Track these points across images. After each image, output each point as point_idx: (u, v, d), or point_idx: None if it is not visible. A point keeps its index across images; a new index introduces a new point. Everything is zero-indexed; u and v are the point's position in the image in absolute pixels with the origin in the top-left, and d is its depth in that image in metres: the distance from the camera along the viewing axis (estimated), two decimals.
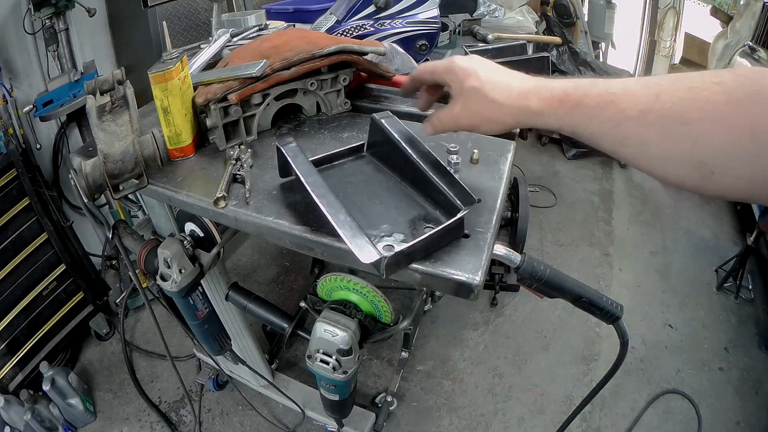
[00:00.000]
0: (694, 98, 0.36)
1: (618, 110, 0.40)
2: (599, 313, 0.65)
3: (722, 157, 0.35)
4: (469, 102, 0.52)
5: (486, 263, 0.54)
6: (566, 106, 0.44)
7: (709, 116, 0.35)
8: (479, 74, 0.51)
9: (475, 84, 0.51)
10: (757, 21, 2.11)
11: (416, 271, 0.53)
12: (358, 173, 0.68)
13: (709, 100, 0.35)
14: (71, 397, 1.41)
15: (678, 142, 0.37)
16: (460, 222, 0.55)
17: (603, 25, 3.06)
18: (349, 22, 1.05)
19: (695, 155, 0.36)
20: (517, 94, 0.48)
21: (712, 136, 0.35)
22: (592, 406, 1.47)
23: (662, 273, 2.03)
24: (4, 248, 1.34)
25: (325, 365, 0.79)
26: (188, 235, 0.89)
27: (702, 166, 0.36)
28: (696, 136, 0.36)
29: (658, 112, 0.37)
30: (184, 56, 0.73)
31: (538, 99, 0.46)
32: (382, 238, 0.55)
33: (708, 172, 0.36)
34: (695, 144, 0.36)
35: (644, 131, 0.38)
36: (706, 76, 0.37)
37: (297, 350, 1.68)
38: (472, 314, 1.85)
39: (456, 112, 0.54)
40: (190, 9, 1.83)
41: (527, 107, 0.47)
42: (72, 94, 1.52)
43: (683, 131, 0.36)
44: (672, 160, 0.38)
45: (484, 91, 0.50)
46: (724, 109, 0.34)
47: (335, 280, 0.82)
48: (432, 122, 0.58)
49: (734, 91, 0.34)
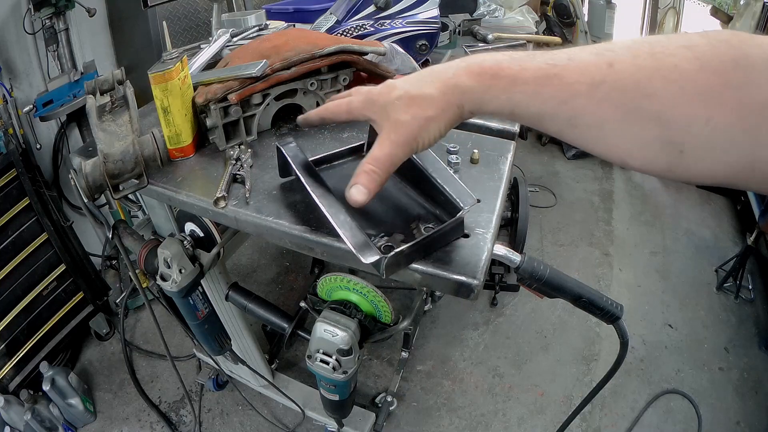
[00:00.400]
0: (657, 65, 0.30)
1: (563, 84, 0.33)
2: (599, 313, 0.65)
3: (695, 136, 0.29)
4: (399, 113, 0.42)
5: (486, 263, 0.54)
6: (501, 82, 0.37)
7: (678, 87, 0.29)
8: (398, 84, 0.44)
9: (398, 92, 0.43)
10: (757, 21, 2.11)
11: (416, 271, 0.53)
12: None
13: (677, 68, 0.29)
14: (71, 397, 1.41)
15: (639, 119, 0.31)
16: (460, 222, 0.55)
17: (603, 25, 3.06)
18: (349, 22, 1.05)
19: (661, 134, 0.30)
20: (444, 76, 0.41)
21: (681, 111, 0.29)
22: (592, 406, 1.47)
23: (662, 273, 2.03)
24: (4, 248, 1.34)
25: (325, 365, 0.79)
26: (188, 235, 0.89)
27: (669, 146, 0.30)
28: (661, 111, 0.30)
29: (613, 84, 0.31)
30: (184, 56, 0.73)
31: (468, 75, 0.39)
32: (382, 238, 0.54)
33: (676, 152, 0.30)
34: (660, 120, 0.30)
35: (596, 108, 0.32)
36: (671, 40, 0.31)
37: (297, 350, 1.68)
38: (472, 314, 1.85)
39: (390, 136, 0.43)
40: (190, 9, 1.83)
41: (457, 86, 0.39)
42: (72, 94, 1.52)
43: (645, 105, 0.30)
44: (633, 140, 0.32)
45: (411, 92, 0.42)
46: (697, 78, 0.28)
47: (335, 280, 0.82)
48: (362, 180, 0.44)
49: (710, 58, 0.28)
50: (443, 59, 1.19)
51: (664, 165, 0.31)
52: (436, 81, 0.41)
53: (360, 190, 0.44)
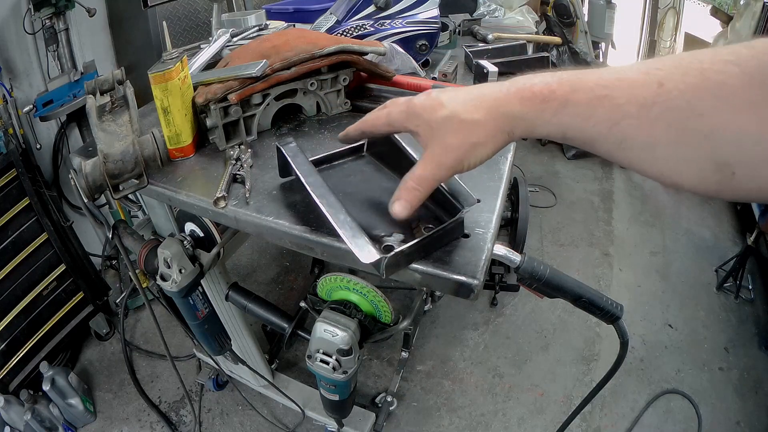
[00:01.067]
0: (705, 83, 0.29)
1: (614, 106, 0.33)
2: (599, 313, 0.65)
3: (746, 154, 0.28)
4: (446, 136, 0.42)
5: (486, 263, 0.54)
6: (552, 105, 0.36)
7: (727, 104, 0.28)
8: (445, 102, 0.43)
9: (446, 112, 0.42)
10: (757, 21, 2.11)
11: (416, 271, 0.53)
12: (359, 173, 0.67)
13: (725, 85, 0.28)
14: (71, 397, 1.41)
15: (691, 140, 0.30)
16: (460, 222, 0.54)
17: (603, 25, 3.06)
18: (349, 22, 1.05)
19: (713, 154, 0.30)
20: (494, 102, 0.40)
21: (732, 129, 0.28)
22: (592, 406, 1.47)
23: (662, 273, 2.03)
24: (4, 248, 1.35)
25: (325, 365, 0.79)
26: (188, 235, 0.89)
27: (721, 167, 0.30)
28: (713, 130, 0.29)
29: (663, 105, 0.31)
30: (184, 56, 0.73)
31: (519, 100, 0.38)
32: (382, 238, 0.54)
33: (729, 173, 0.29)
34: (712, 140, 0.29)
35: (648, 129, 0.32)
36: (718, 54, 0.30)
37: (297, 350, 1.68)
38: (472, 314, 1.85)
39: (437, 157, 0.43)
40: (190, 9, 1.83)
41: (509, 113, 0.39)
42: (72, 94, 1.52)
43: (697, 125, 0.29)
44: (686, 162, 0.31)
45: (460, 115, 0.41)
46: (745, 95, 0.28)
47: (335, 280, 0.82)
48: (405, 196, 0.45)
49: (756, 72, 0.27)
50: (443, 59, 1.19)
51: (715, 186, 0.31)
52: (486, 105, 0.40)
53: (403, 206, 0.45)
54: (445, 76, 1.02)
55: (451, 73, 1.02)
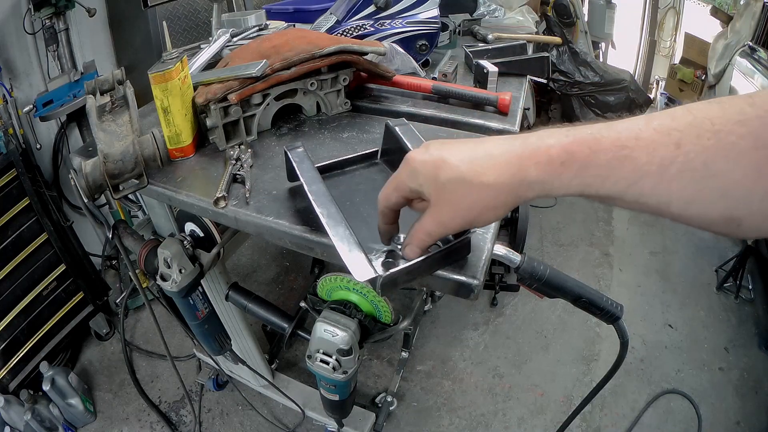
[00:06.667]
0: (719, 145, 0.31)
1: (634, 167, 0.34)
2: (599, 313, 0.65)
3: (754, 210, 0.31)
4: (454, 198, 0.40)
5: (486, 263, 0.54)
6: (571, 169, 0.36)
7: (738, 165, 0.31)
8: (447, 159, 0.40)
9: (453, 173, 0.39)
10: (757, 21, 2.11)
11: None
12: (369, 181, 0.66)
13: (735, 146, 0.31)
14: (71, 397, 1.41)
15: (705, 197, 0.33)
16: (466, 243, 0.52)
17: (603, 25, 3.06)
18: (349, 22, 1.05)
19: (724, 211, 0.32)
20: (507, 166, 0.38)
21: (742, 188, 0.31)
22: (592, 406, 1.47)
23: (662, 273, 2.03)
24: (4, 248, 1.35)
25: (325, 365, 0.79)
26: (188, 235, 0.89)
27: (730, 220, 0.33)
28: (725, 189, 0.32)
29: (681, 165, 0.32)
30: (184, 56, 0.73)
31: (535, 165, 0.37)
32: (383, 254, 0.53)
33: (735, 225, 0.33)
34: (724, 197, 0.32)
35: (665, 187, 0.33)
36: (728, 114, 0.32)
37: (297, 350, 1.68)
38: (472, 314, 1.85)
39: (444, 216, 0.42)
40: (190, 9, 1.83)
41: (524, 179, 0.38)
42: (72, 94, 1.52)
43: (711, 184, 0.32)
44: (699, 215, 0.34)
45: (469, 178, 0.39)
46: (753, 155, 0.30)
47: (335, 280, 0.82)
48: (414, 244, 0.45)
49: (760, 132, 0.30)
50: (443, 59, 1.19)
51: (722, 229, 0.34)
52: (497, 168, 0.38)
53: (414, 251, 0.46)
54: (445, 76, 1.02)
55: (451, 73, 1.02)
